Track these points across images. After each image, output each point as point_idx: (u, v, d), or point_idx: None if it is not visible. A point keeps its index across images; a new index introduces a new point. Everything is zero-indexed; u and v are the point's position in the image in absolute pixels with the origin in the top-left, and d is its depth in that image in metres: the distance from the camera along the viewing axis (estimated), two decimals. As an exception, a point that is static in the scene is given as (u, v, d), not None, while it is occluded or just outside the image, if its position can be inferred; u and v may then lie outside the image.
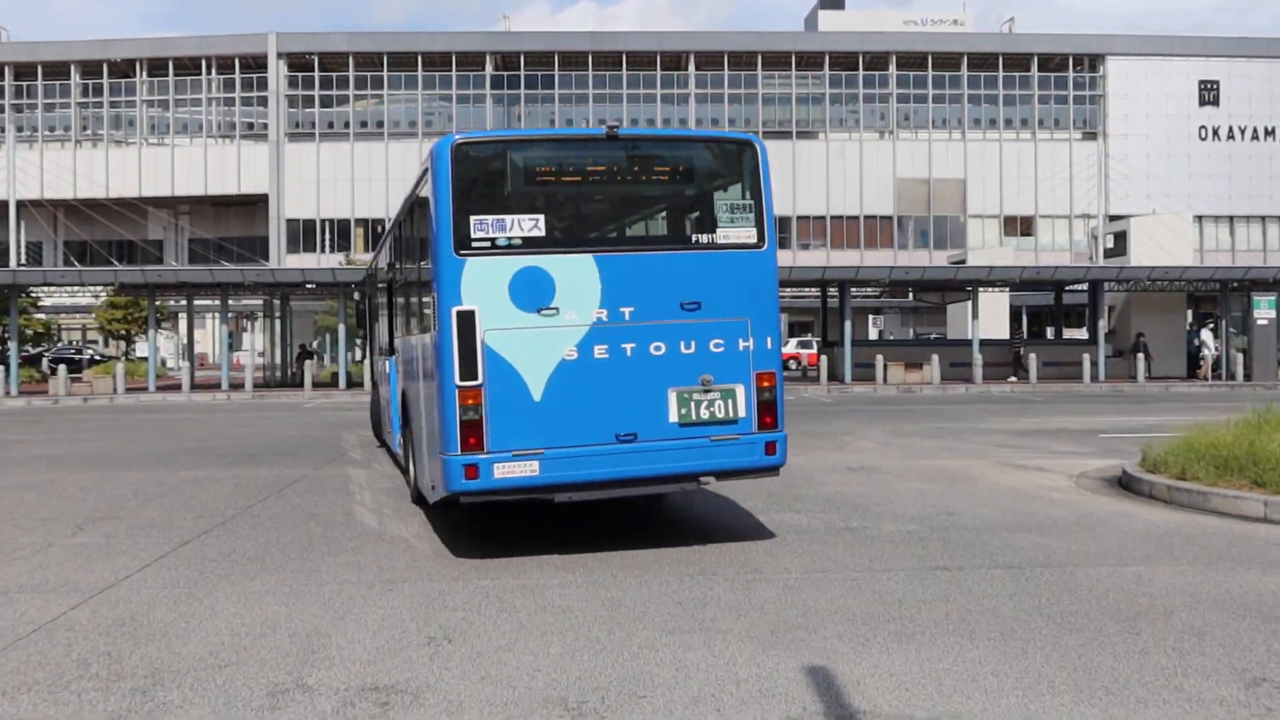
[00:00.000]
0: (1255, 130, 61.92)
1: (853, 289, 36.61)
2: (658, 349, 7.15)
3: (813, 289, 39.09)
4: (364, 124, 64.50)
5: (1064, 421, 18.54)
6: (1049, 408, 22.66)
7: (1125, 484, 10.20)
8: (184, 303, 38.92)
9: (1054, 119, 62.59)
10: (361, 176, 63.33)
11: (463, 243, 6.92)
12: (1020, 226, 62.12)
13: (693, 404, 7.20)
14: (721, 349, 7.27)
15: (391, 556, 7.22)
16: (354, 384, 33.27)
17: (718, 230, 7.42)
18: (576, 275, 7.04)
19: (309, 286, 32.90)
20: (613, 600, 5.94)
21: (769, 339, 7.38)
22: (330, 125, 63.83)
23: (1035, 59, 61.28)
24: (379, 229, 61.83)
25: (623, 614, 5.63)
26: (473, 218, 6.98)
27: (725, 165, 7.71)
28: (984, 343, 33.51)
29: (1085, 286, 35.82)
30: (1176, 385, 30.98)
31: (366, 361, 31.48)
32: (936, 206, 62.03)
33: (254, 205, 66.11)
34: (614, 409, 7.06)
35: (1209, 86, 61.81)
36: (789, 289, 40.85)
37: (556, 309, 7.00)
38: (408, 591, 6.23)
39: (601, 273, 7.11)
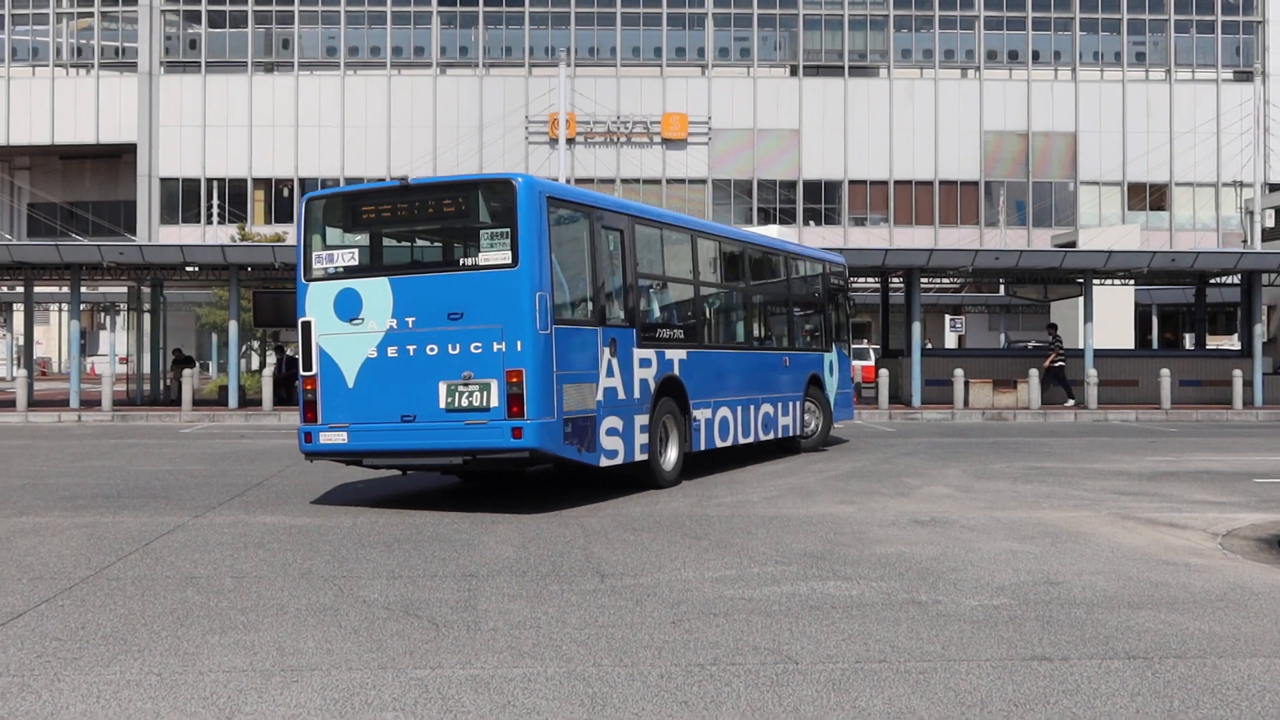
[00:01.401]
0: None
1: (923, 279, 36.71)
2: (432, 350, 12.30)
3: (870, 278, 39.18)
4: (268, 51, 64.87)
5: (1206, 461, 18.56)
6: (1186, 442, 22.69)
7: (1289, 546, 10.21)
8: (20, 290, 38.98)
9: (1197, 53, 62.82)
10: (264, 121, 63.56)
11: (308, 271, 13.04)
12: (1150, 197, 62.32)
13: (456, 394, 12.23)
14: (480, 351, 12.12)
15: (297, 634, 7.22)
16: (250, 401, 33.30)
17: (480, 254, 12.43)
18: (377, 293, 12.59)
19: (190, 270, 32.97)
20: (596, 699, 5.94)
21: (519, 343, 11.98)
22: (222, 52, 64.11)
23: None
24: (286, 193, 62.04)
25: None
26: (314, 252, 13.06)
27: (488, 200, 12.56)
28: (1102, 354, 33.59)
29: (1238, 279, 35.90)
30: (1359, 413, 31.06)
31: (267, 372, 31.51)
32: (1038, 170, 62.27)
33: (117, 159, 66.34)
34: (400, 395, 12.40)
35: (1404, 11, 62.15)
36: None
37: (363, 319, 12.62)
38: (318, 684, 6.22)
39: (394, 291, 12.54)
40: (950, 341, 59.86)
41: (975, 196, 62.06)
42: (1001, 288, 48.44)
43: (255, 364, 45.12)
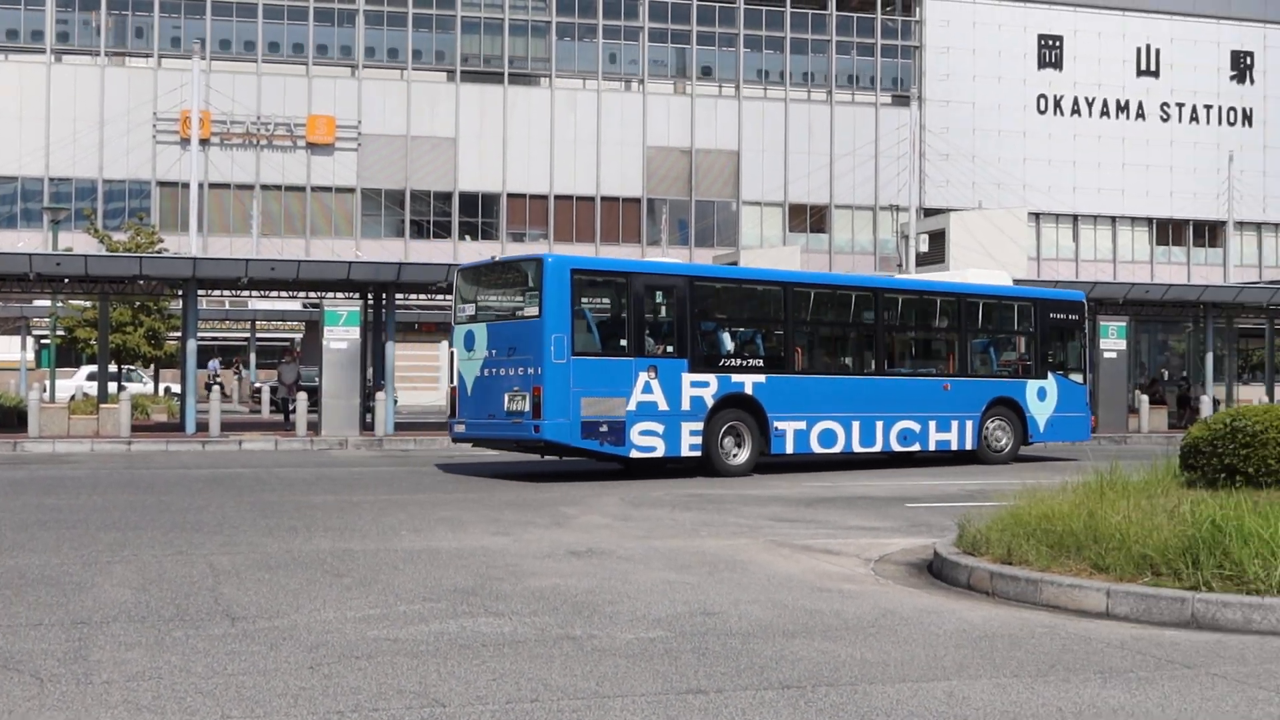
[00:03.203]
0: (1106, 104, 68.04)
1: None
2: (502, 372, 20.27)
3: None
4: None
5: (863, 486, 19.63)
6: (843, 469, 23.91)
7: (937, 570, 10.91)
8: None
9: (858, 76, 66.46)
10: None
11: (456, 318, 21.94)
12: (811, 219, 65.39)
13: (511, 402, 19.99)
14: (523, 374, 19.79)
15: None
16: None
17: (524, 309, 20.36)
18: (480, 334, 20.98)
19: None
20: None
21: (540, 369, 19.46)
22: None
23: (834, -9, 64.77)
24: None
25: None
26: (456, 306, 22.08)
27: (528, 272, 20.62)
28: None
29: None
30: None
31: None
32: (701, 188, 64.40)
33: None
34: (487, 401, 20.55)
35: (1051, 44, 67.48)
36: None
37: (475, 350, 21.04)
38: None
39: (487, 333, 20.88)
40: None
41: (638, 213, 63.63)
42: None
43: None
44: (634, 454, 20.33)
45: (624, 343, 20.54)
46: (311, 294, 37.85)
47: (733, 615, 9.00)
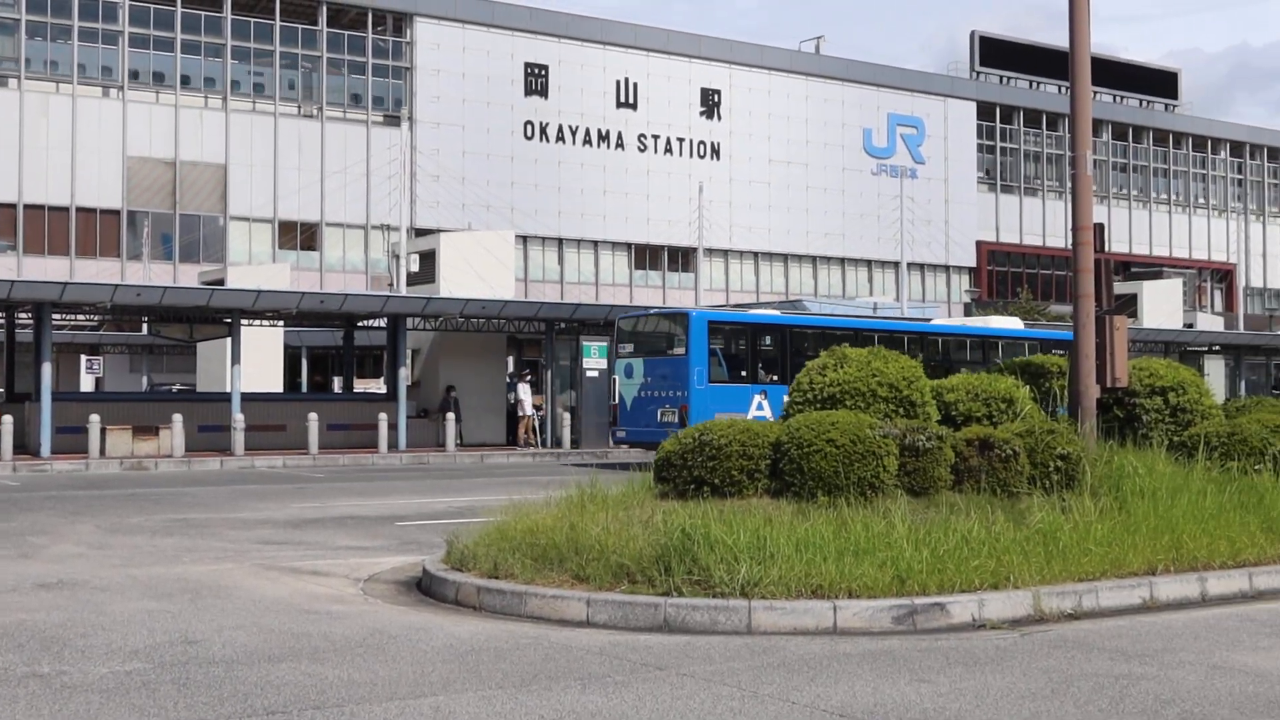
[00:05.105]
0: (589, 133, 70.93)
1: (56, 315, 35.24)
2: (656, 394, 29.43)
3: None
4: None
5: (352, 506, 19.56)
6: (333, 487, 23.75)
7: (427, 587, 11.03)
8: None
9: (349, 94, 66.18)
10: None
11: (616, 354, 32.22)
12: (302, 236, 64.55)
13: (663, 416, 28.83)
14: (672, 395, 28.93)
15: None
16: None
17: (674, 349, 29.77)
18: (637, 365, 30.36)
19: None
20: None
21: (684, 392, 28.45)
22: None
23: (324, 6, 64.30)
24: None
25: None
26: (616, 345, 32.31)
27: (676, 322, 30.54)
28: (250, 397, 34.13)
29: (385, 322, 38.15)
30: (495, 454, 34.23)
31: None
32: (186, 202, 62.20)
33: None
34: (644, 415, 29.61)
35: (537, 72, 69.68)
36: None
37: (633, 377, 30.29)
38: None
39: (644, 365, 30.15)
40: (87, 384, 57.84)
41: (117, 226, 60.55)
42: (145, 326, 47.76)
43: None
44: None
45: (744, 373, 29.63)
46: None
47: (216, 643, 8.78)
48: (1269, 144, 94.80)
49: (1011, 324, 37.28)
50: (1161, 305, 62.80)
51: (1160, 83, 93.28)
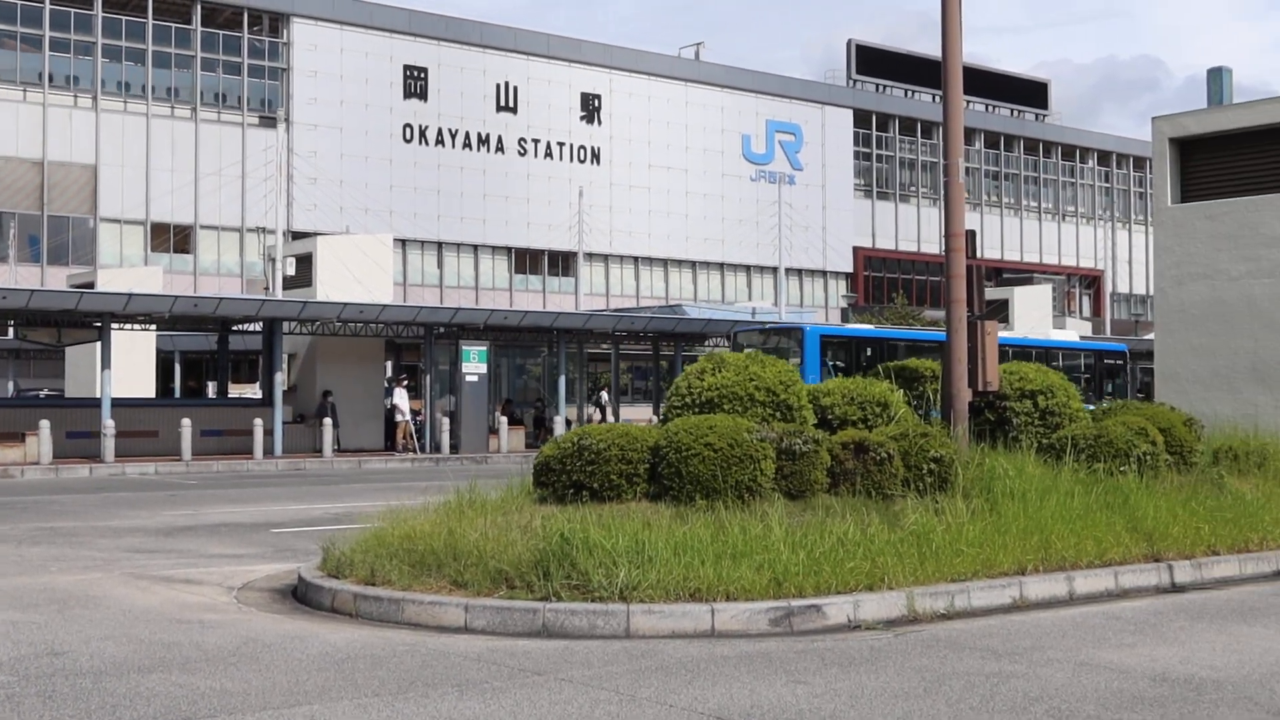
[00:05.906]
0: (469, 137, 70.56)
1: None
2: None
3: None
4: None
5: (226, 513, 19.25)
6: (207, 494, 23.35)
7: (302, 595, 10.89)
8: None
9: (224, 95, 65.11)
10: None
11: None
12: (175, 239, 63.41)
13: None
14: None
15: None
16: None
17: (792, 358, 31.24)
18: None
19: None
20: None
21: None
22: None
23: (199, 5, 63.22)
24: None
25: None
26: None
27: (793, 334, 33.63)
28: (120, 403, 33.45)
29: (260, 326, 37.61)
30: (373, 460, 33.93)
31: None
32: (55, 203, 60.78)
33: None
34: None
35: (416, 75, 69.17)
36: None
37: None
38: None
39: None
40: (-51, 390, 56.29)
41: (-20, 228, 59.04)
42: (11, 330, 46.49)
43: None
44: None
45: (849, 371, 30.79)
46: None
47: (84, 654, 8.58)
48: (1135, 153, 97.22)
49: (1071, 337, 44.28)
50: (1032, 311, 64.00)
51: (1031, 93, 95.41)
